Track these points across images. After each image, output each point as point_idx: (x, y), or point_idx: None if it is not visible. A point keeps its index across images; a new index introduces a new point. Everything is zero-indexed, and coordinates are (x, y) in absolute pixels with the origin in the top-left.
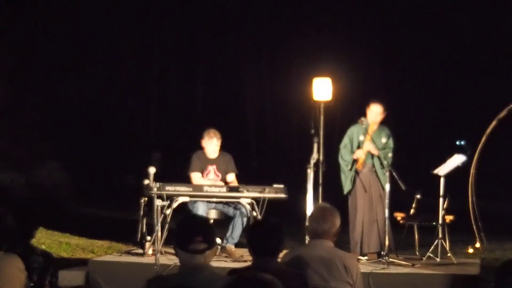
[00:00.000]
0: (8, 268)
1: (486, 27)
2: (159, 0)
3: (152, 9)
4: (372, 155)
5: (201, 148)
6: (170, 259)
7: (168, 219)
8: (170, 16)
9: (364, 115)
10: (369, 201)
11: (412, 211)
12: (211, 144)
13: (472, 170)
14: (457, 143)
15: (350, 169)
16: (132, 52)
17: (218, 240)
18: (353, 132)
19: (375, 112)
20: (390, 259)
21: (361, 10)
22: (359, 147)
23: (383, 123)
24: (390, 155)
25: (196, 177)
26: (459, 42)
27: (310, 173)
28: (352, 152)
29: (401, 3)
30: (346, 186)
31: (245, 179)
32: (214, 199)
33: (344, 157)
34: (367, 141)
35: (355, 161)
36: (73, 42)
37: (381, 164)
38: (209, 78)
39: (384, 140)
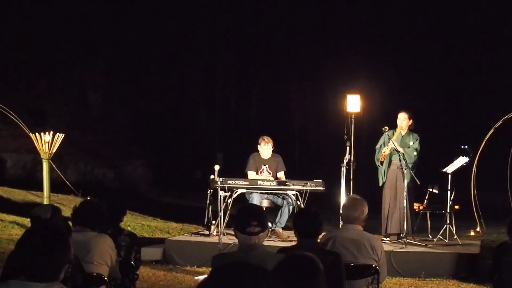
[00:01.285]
0: (100, 245)
1: (484, 53)
2: (224, 27)
3: (218, 35)
4: (399, 155)
5: (257, 150)
6: (230, 239)
7: (229, 207)
8: (232, 41)
9: (387, 124)
10: (395, 193)
11: (425, 201)
12: (266, 148)
13: (473, 169)
14: (462, 147)
15: (381, 164)
16: (200, 71)
17: (269, 224)
18: (385, 138)
19: (400, 118)
20: (408, 240)
21: (385, 40)
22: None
23: (413, 130)
24: (414, 154)
25: (251, 175)
26: (462, 66)
27: (343, 170)
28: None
29: (415, 35)
30: (380, 179)
31: (291, 175)
32: (266, 191)
33: (376, 156)
34: (394, 139)
35: (383, 159)
36: (153, 63)
37: (407, 160)
38: (263, 92)
39: (411, 143)
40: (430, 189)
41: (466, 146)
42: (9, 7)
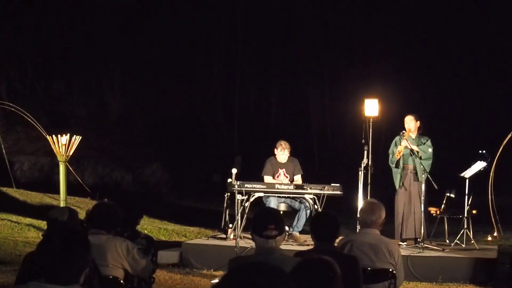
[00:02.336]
0: (114, 248)
1: (502, 58)
2: (243, 33)
3: (237, 40)
4: (414, 160)
5: (274, 154)
6: (247, 243)
7: (246, 210)
8: (252, 46)
9: (404, 128)
10: (409, 197)
11: (443, 206)
12: (282, 154)
13: (491, 174)
14: (480, 152)
15: (396, 166)
16: (219, 76)
17: (286, 228)
18: (396, 141)
19: (406, 121)
20: (425, 245)
21: (403, 46)
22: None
23: (423, 133)
24: (430, 150)
25: (267, 179)
26: (480, 71)
27: (361, 174)
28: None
29: (433, 41)
30: (397, 183)
31: (308, 178)
32: (284, 195)
33: (391, 160)
34: (404, 139)
35: (398, 160)
36: (172, 66)
37: (422, 156)
38: (282, 97)
39: (423, 142)
40: (448, 194)
41: (484, 151)
42: (29, 12)
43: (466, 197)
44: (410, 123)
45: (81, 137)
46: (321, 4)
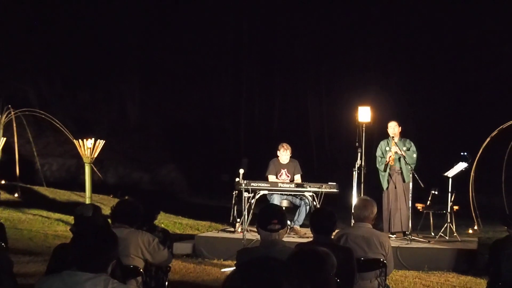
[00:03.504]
0: (135, 240)
1: (483, 69)
2: (248, 46)
3: (243, 52)
4: (400, 161)
5: (276, 156)
6: (253, 236)
7: (252, 207)
8: (256, 58)
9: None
10: (395, 195)
11: (428, 202)
12: (285, 155)
13: (472, 173)
14: (461, 153)
15: (384, 170)
16: (227, 86)
17: (288, 222)
18: (381, 145)
19: (391, 126)
20: (412, 237)
21: (393, 58)
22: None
23: (405, 136)
24: (414, 156)
25: (270, 178)
26: (463, 81)
27: (355, 174)
28: (383, 158)
29: (421, 53)
30: (384, 184)
31: (307, 178)
32: (286, 192)
33: (379, 163)
34: (393, 145)
35: (387, 164)
36: (184, 78)
37: (406, 161)
38: (283, 104)
39: (404, 148)
40: (433, 191)
41: (466, 153)
42: (56, 28)
43: (449, 194)
44: (395, 128)
45: (104, 141)
46: (318, 21)
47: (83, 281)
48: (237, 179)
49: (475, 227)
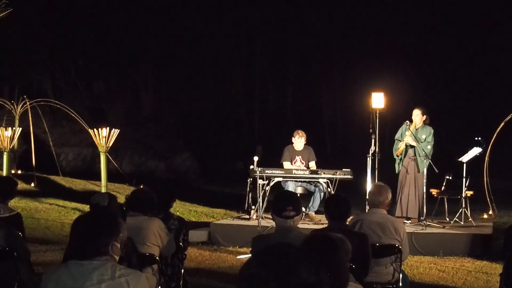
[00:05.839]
0: (151, 227)
1: (497, 55)
2: (261, 36)
3: (256, 40)
4: (413, 146)
5: (291, 143)
6: (268, 223)
7: (267, 194)
8: (270, 46)
9: (408, 118)
10: (408, 180)
11: (443, 187)
12: (300, 141)
13: (486, 158)
14: (476, 138)
15: (398, 155)
16: (240, 75)
17: (303, 209)
18: (402, 128)
19: (414, 114)
20: (427, 223)
21: (406, 43)
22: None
23: (429, 124)
24: (429, 147)
25: (286, 165)
26: (478, 67)
27: (369, 160)
28: (400, 141)
29: (435, 38)
30: (397, 168)
31: (322, 164)
32: (300, 179)
33: (394, 147)
34: (408, 135)
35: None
36: (198, 67)
37: (419, 153)
38: (296, 92)
39: (424, 136)
40: (447, 177)
41: (480, 138)
42: (70, 19)
43: (464, 179)
44: (416, 117)
45: (118, 130)
46: (330, 8)
47: (90, 271)
48: (251, 167)
49: (490, 212)
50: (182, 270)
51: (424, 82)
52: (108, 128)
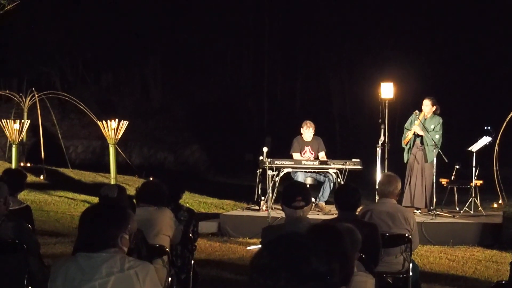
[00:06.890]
0: (161, 218)
1: (506, 45)
2: (270, 27)
3: (265, 32)
4: (422, 136)
5: (300, 133)
6: (278, 213)
7: (277, 185)
8: (278, 39)
9: (418, 108)
10: (415, 170)
11: (452, 177)
12: (308, 132)
13: (495, 147)
14: (485, 128)
15: (406, 144)
16: (249, 66)
17: (313, 199)
18: (412, 117)
19: (424, 104)
20: (437, 212)
21: (415, 33)
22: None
23: (439, 114)
24: (437, 136)
25: (295, 156)
26: (487, 57)
27: (379, 150)
28: (408, 130)
29: (443, 28)
30: (405, 157)
31: (332, 155)
32: (310, 170)
33: (404, 136)
34: (416, 125)
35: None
36: (206, 59)
37: (428, 143)
38: (305, 83)
39: (432, 126)
40: (456, 166)
41: (489, 127)
42: (78, 13)
43: (474, 168)
44: (426, 107)
45: (127, 122)
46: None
47: (99, 264)
48: (261, 158)
49: (500, 201)
50: (192, 262)
51: (433, 71)
52: (117, 120)
